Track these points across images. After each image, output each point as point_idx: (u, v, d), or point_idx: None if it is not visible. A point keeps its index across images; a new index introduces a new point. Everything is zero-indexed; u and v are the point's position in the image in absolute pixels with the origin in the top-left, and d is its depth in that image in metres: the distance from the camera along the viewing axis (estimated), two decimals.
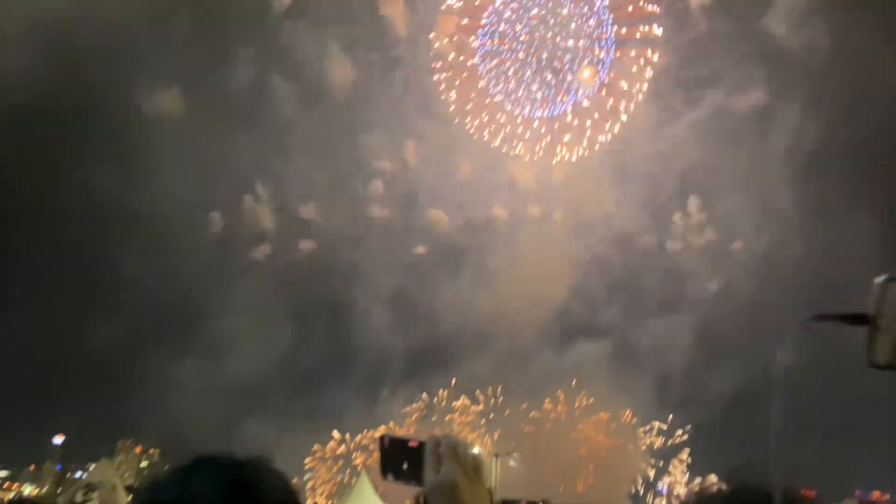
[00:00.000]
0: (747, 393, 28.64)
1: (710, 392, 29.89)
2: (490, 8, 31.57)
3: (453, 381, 32.48)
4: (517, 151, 33.20)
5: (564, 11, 31.44)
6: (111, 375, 30.66)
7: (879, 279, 1.62)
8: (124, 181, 29.53)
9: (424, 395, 32.23)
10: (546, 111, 33.14)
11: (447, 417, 32.01)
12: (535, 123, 32.97)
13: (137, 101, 30.05)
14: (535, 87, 32.75)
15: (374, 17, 31.55)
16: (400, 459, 1.74)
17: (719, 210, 33.51)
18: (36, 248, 30.74)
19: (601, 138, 33.04)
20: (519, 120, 32.91)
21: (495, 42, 32.06)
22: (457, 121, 32.47)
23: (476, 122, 32.61)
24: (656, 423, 32.44)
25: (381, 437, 1.80)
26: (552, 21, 31.51)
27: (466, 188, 32.89)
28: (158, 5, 29.32)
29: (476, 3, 31.62)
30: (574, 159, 33.18)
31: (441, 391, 32.57)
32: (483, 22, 31.63)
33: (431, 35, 31.95)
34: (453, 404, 32.40)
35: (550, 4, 31.63)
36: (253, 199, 32.42)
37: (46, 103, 27.80)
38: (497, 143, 32.99)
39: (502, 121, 32.77)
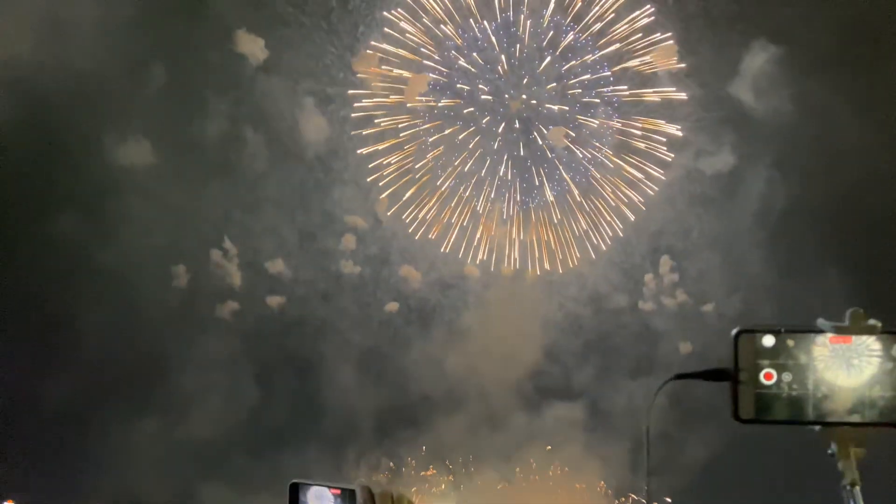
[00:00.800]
0: (725, 456, 28.37)
1: (686, 456, 29.40)
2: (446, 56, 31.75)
3: (423, 449, 31.68)
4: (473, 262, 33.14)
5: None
6: (66, 434, 29.49)
7: (733, 332, 1.59)
8: (88, 231, 29.00)
9: (391, 463, 31.39)
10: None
11: (413, 489, 31.06)
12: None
13: (106, 151, 29.75)
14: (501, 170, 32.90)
15: (348, 74, 31.68)
16: None
17: (691, 272, 33.58)
18: None
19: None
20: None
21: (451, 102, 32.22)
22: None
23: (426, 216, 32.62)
24: (632, 496, 31.76)
25: (293, 485, 1.69)
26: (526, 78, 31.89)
27: (437, 245, 32.68)
28: (132, 54, 29.29)
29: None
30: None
31: (409, 459, 31.72)
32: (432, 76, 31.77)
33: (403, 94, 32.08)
34: (422, 473, 31.48)
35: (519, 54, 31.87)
36: (220, 254, 31.86)
37: (8, 149, 27.41)
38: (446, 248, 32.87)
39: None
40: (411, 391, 31.68)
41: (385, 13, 30.97)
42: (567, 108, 32.02)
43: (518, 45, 31.37)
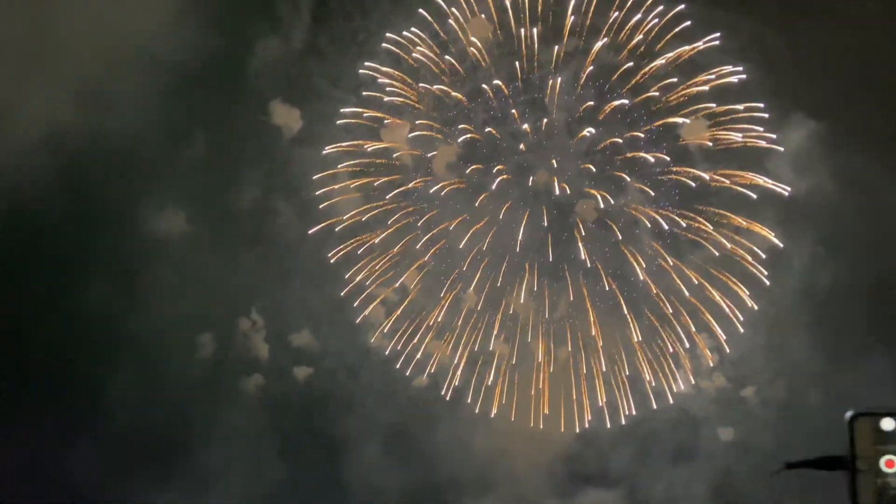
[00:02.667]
0: None
1: None
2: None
3: None
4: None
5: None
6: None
7: (847, 416, 1.55)
8: (117, 300, 29.02)
9: None
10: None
11: None
12: None
13: (140, 220, 30.01)
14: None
15: (380, 149, 31.79)
16: None
17: (731, 354, 32.30)
18: (19, 367, 29.83)
19: None
20: None
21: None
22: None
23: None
24: None
25: None
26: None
27: (469, 319, 31.97)
28: (170, 122, 29.80)
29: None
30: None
31: None
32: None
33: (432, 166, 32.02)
34: None
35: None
36: (248, 323, 31.56)
37: (44, 217, 27.76)
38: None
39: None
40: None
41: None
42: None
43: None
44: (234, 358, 31.41)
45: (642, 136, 30.75)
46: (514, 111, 31.04)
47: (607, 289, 31.51)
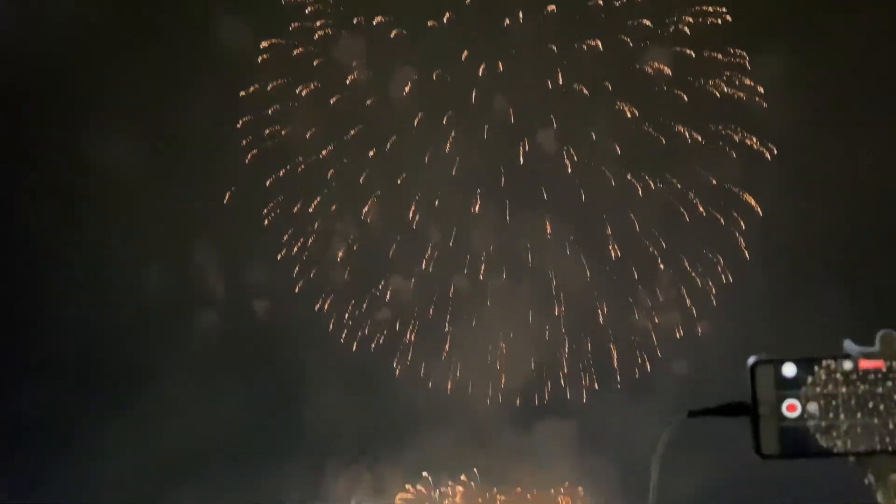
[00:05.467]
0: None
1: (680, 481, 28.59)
2: None
3: (405, 468, 30.91)
4: None
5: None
6: (39, 440, 28.72)
7: (749, 362, 1.63)
8: (59, 233, 27.84)
9: (370, 476, 30.64)
10: None
11: None
12: None
13: (81, 147, 28.37)
14: None
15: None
16: None
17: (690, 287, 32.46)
18: None
19: None
20: None
21: None
22: None
23: None
24: None
25: None
26: None
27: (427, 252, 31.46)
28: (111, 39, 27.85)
29: None
30: None
31: (391, 473, 30.95)
32: None
33: None
34: (404, 487, 30.73)
35: None
36: (201, 254, 30.66)
37: None
38: None
39: None
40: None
41: None
42: None
43: None
44: (186, 291, 30.64)
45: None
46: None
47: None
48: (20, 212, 28.49)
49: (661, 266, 31.53)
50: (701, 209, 30.29)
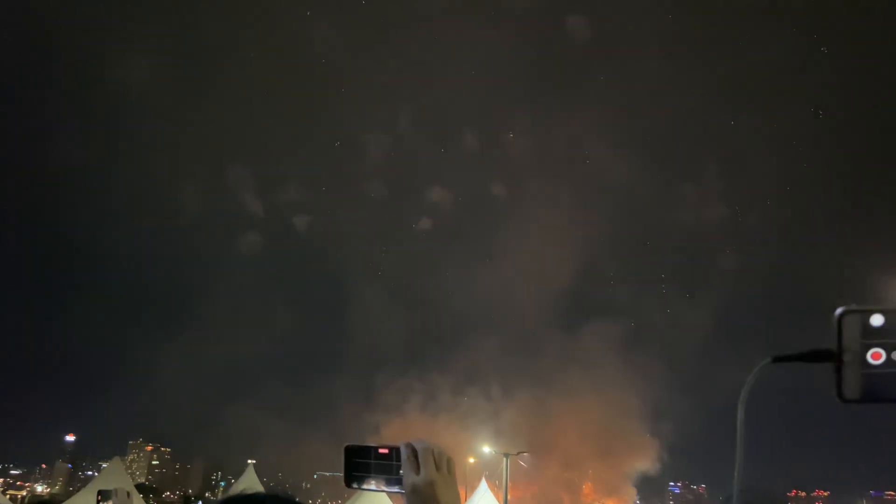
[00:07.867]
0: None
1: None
2: None
3: (455, 373, 31.03)
4: None
5: None
6: (95, 371, 29.42)
7: (837, 312, 1.60)
8: (94, 155, 27.73)
9: (421, 385, 30.88)
10: None
11: (448, 414, 30.70)
12: None
13: (110, 68, 28.01)
14: None
15: None
16: (366, 468, 1.83)
17: (739, 181, 31.66)
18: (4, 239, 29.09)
19: None
20: None
21: None
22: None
23: None
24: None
25: (347, 448, 1.89)
26: None
27: (465, 166, 30.88)
28: None
29: None
30: None
31: (441, 380, 31.12)
32: None
33: None
34: (457, 399, 30.92)
35: None
36: (237, 173, 30.43)
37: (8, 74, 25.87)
38: None
39: None
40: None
41: None
42: None
43: None
44: (227, 209, 30.57)
45: None
46: None
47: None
48: (54, 138, 28.55)
49: None
50: None
